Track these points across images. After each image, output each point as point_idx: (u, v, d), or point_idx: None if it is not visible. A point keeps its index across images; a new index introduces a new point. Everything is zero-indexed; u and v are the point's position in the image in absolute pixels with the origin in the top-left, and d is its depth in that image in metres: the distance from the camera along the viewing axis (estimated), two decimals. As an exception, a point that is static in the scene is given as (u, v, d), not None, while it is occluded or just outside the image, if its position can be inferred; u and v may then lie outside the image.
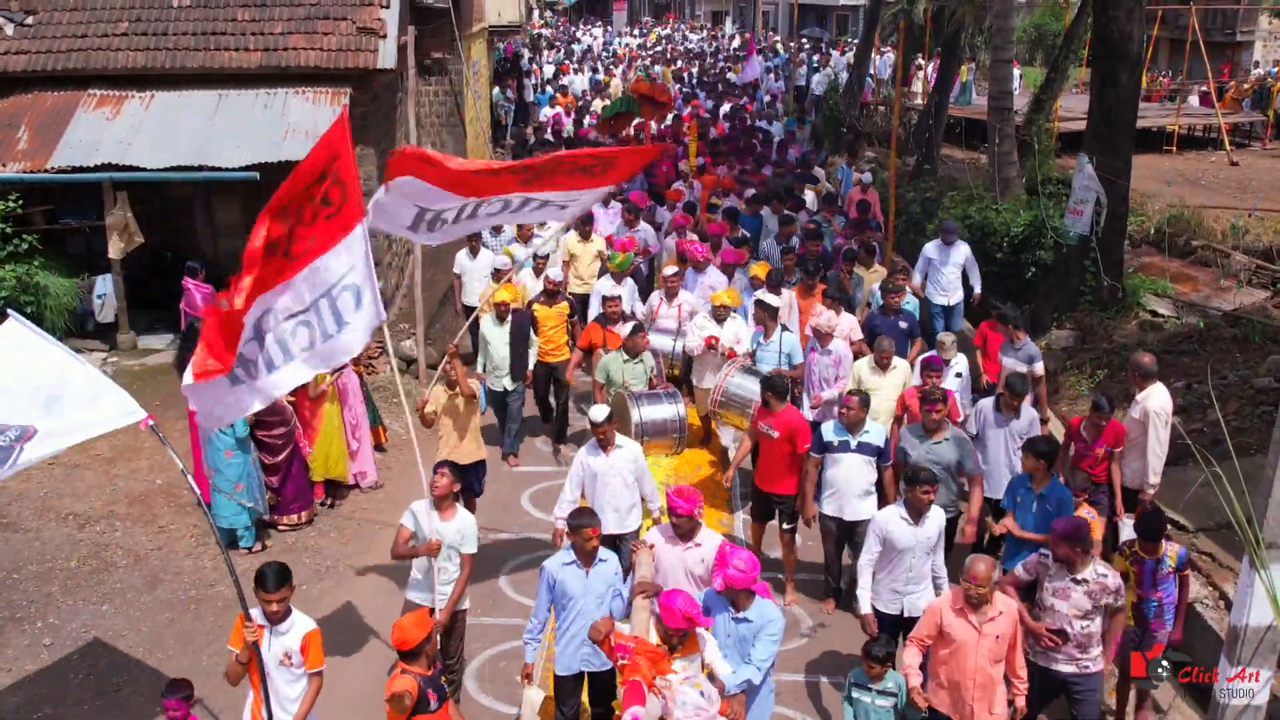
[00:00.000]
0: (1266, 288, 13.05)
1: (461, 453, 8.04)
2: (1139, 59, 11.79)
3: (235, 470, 8.04)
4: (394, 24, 12.83)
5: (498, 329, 9.62)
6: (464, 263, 11.92)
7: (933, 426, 7.19)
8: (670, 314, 10.08)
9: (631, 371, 8.92)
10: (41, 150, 11.00)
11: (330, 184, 5.65)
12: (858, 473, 7.44)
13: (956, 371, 8.79)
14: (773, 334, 9.29)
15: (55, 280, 11.06)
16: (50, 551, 8.25)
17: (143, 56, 12.06)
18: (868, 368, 8.62)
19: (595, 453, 7.16)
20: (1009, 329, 9.09)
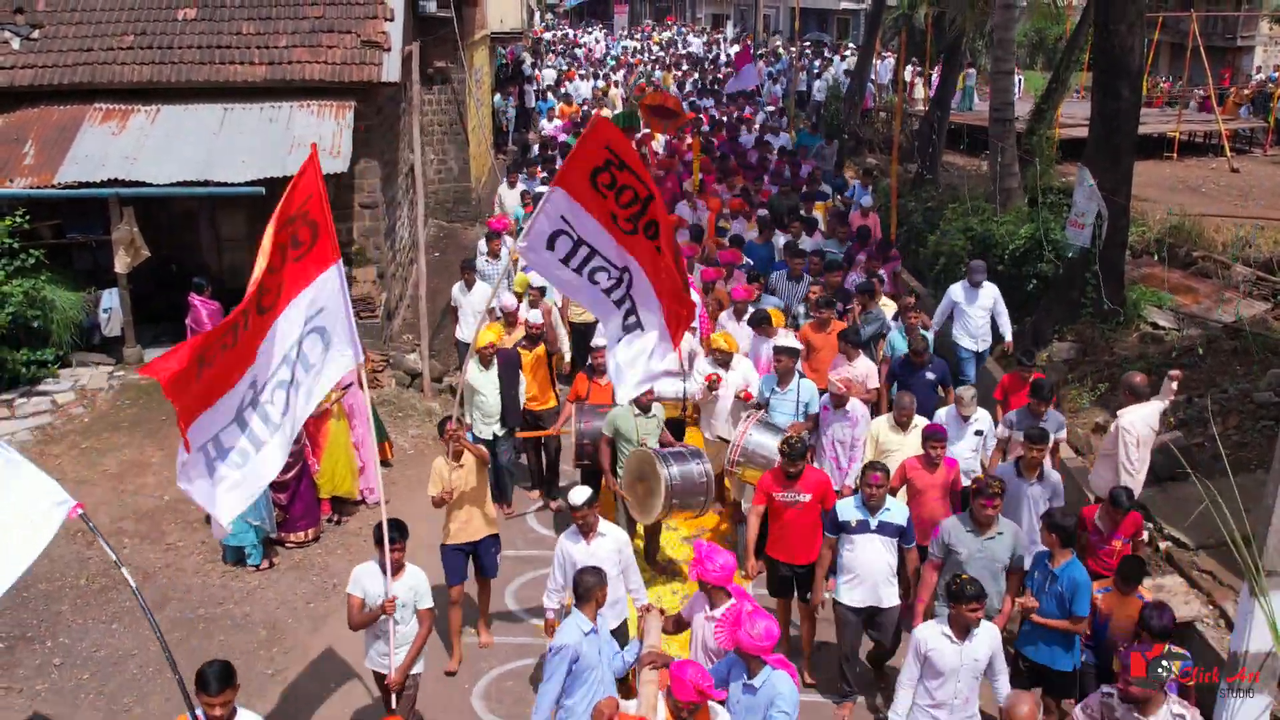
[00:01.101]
0: (1267, 299, 13.08)
1: (472, 529, 7.36)
2: (1140, 72, 11.82)
3: None
4: (398, 37, 12.90)
5: (484, 374, 9.00)
6: (458, 296, 11.41)
7: (986, 521, 6.43)
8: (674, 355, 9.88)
9: (645, 427, 8.21)
10: (48, 165, 11.06)
11: (301, 224, 5.43)
12: (880, 556, 6.72)
13: (977, 429, 8.24)
14: (790, 381, 8.64)
15: (62, 294, 11.12)
16: (59, 569, 8.31)
17: (148, 70, 12.12)
18: (887, 426, 8.03)
19: (575, 539, 6.52)
20: (1037, 403, 8.09)
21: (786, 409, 8.52)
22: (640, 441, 8.05)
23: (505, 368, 9.04)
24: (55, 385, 11.02)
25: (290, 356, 5.48)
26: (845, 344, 9.12)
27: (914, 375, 9.06)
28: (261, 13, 12.84)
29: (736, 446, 8.06)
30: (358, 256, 12.93)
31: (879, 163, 22.14)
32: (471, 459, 7.22)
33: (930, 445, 7.38)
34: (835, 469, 8.19)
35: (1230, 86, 27.88)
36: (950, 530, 6.58)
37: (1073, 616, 6.23)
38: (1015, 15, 14.88)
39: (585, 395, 9.01)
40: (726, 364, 8.91)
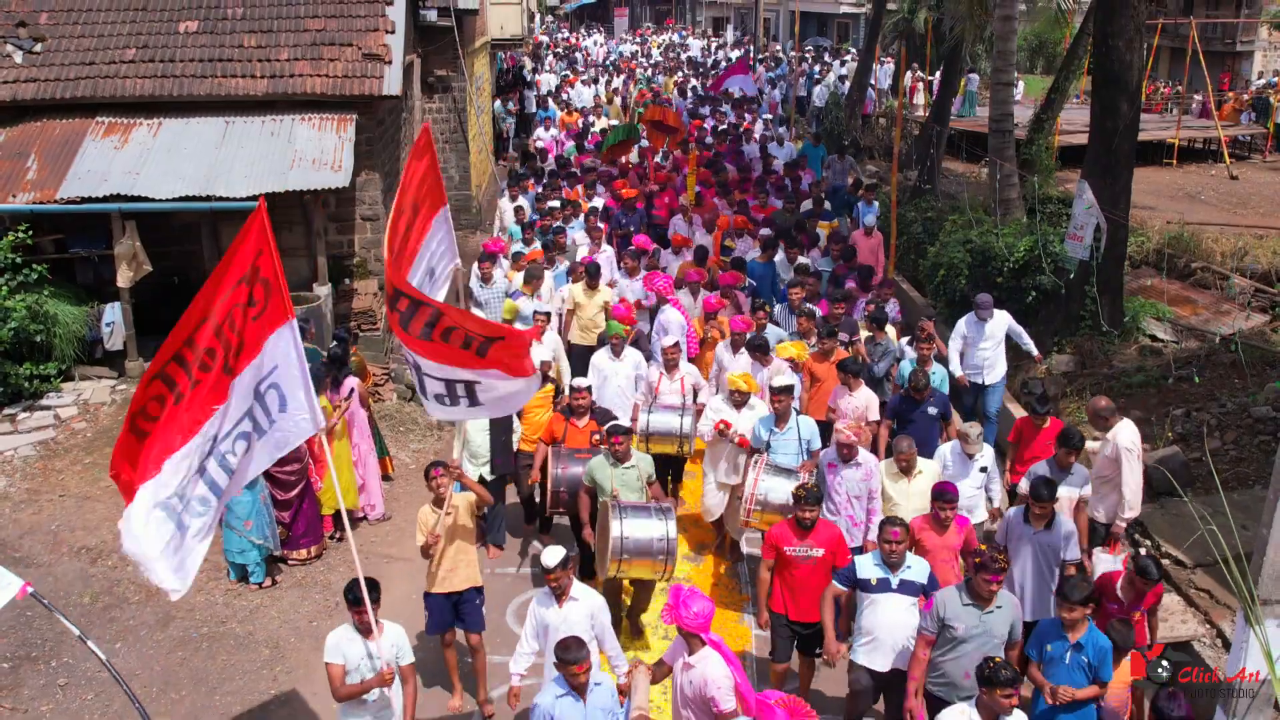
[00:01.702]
0: (1266, 311, 13.14)
1: (455, 579, 6.96)
2: (1139, 87, 11.88)
3: (245, 507, 8.13)
4: (399, 49, 12.93)
5: None
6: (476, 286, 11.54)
7: (988, 596, 5.95)
8: (673, 389, 9.22)
9: (622, 478, 7.58)
10: (50, 180, 11.09)
11: (255, 283, 5.34)
12: (902, 617, 6.30)
13: (981, 465, 7.92)
14: (788, 420, 8.26)
15: (64, 309, 11.15)
16: (64, 588, 8.36)
17: (150, 84, 12.15)
18: (888, 475, 7.62)
19: (548, 603, 6.21)
20: (1065, 453, 7.56)
21: (789, 449, 8.14)
22: (613, 493, 7.47)
23: None
24: (58, 399, 11.06)
25: (254, 410, 5.47)
26: (844, 374, 8.87)
27: (914, 410, 8.75)
28: (263, 25, 12.88)
29: (750, 496, 7.64)
30: (359, 269, 12.98)
31: (879, 169, 22.21)
32: (462, 504, 6.92)
33: (939, 506, 6.87)
34: (852, 526, 7.59)
35: (1229, 91, 27.96)
36: (946, 603, 6.02)
37: (1099, 682, 5.88)
38: (1014, 26, 14.90)
39: (561, 438, 8.37)
40: (742, 405, 8.49)
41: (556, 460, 8.11)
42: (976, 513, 7.92)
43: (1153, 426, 10.90)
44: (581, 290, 11.25)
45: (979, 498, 8.01)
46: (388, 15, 13.12)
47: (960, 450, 7.94)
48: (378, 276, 13.07)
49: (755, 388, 8.62)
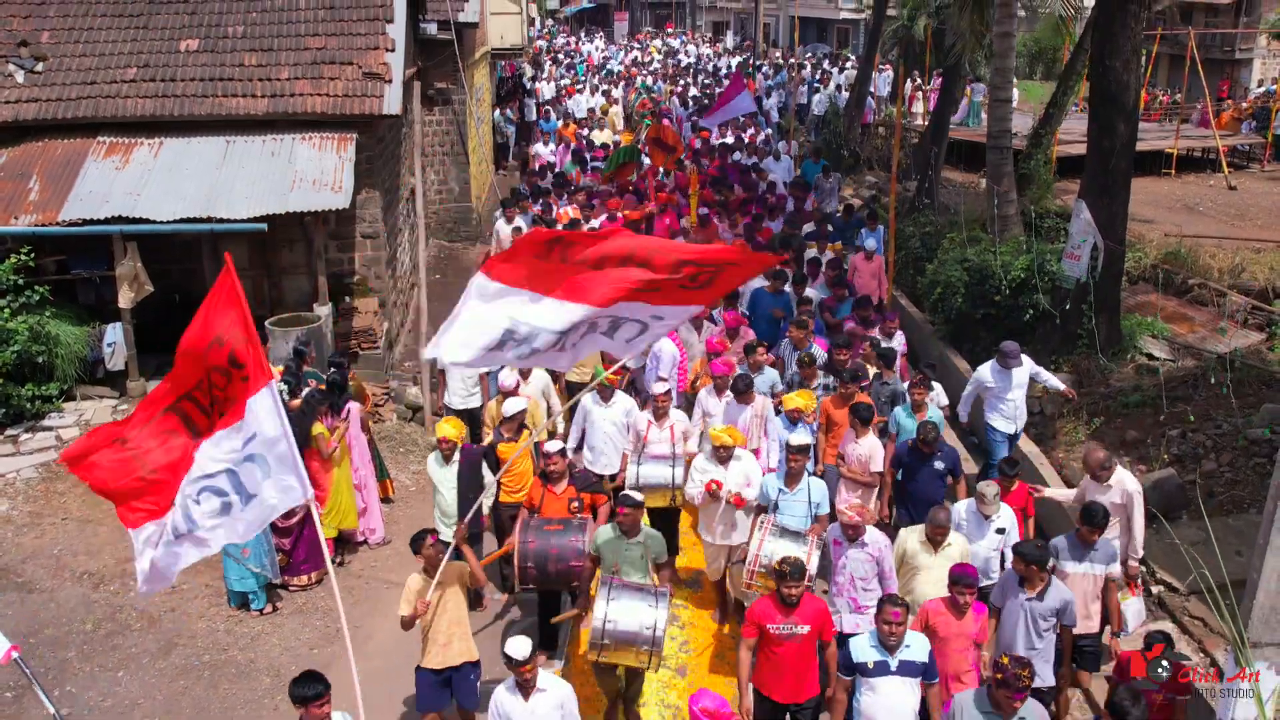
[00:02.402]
0: (1262, 329, 13.18)
1: (450, 653, 6.67)
2: (1136, 108, 11.92)
3: None
4: (399, 67, 12.99)
5: (442, 470, 8.16)
6: None
7: (1010, 711, 5.59)
8: (662, 438, 8.68)
9: (626, 554, 6.94)
10: (52, 202, 11.15)
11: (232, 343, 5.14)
12: (904, 700, 6.09)
13: (998, 527, 7.56)
14: (800, 481, 7.78)
15: (66, 329, 11.21)
16: (66, 614, 8.41)
17: (151, 104, 12.21)
18: (918, 542, 7.16)
19: (513, 694, 5.87)
20: (1089, 530, 7.06)
21: (797, 510, 7.69)
22: (613, 568, 6.90)
23: (466, 466, 8.13)
24: (60, 420, 11.11)
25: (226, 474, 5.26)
26: (855, 419, 8.54)
27: (921, 465, 8.34)
28: (263, 44, 12.94)
29: (754, 559, 7.21)
30: (359, 287, 13.03)
31: (878, 180, 22.25)
32: (454, 574, 6.59)
33: (958, 590, 6.43)
34: (853, 610, 7.19)
35: (1228, 99, 27.99)
36: (964, 710, 5.72)
37: None
38: (1011, 44, 14.93)
39: (538, 505, 7.74)
40: (728, 460, 7.93)
41: (525, 531, 7.40)
42: (991, 575, 7.55)
43: (1148, 448, 10.96)
44: None
45: (994, 560, 7.64)
46: (388, 33, 13.18)
47: (975, 510, 7.61)
48: (378, 294, 13.13)
49: (740, 440, 8.12)
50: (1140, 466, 10.74)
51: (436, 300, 15.63)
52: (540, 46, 34.86)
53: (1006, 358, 9.91)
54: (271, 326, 11.38)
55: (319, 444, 8.74)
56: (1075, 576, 7.02)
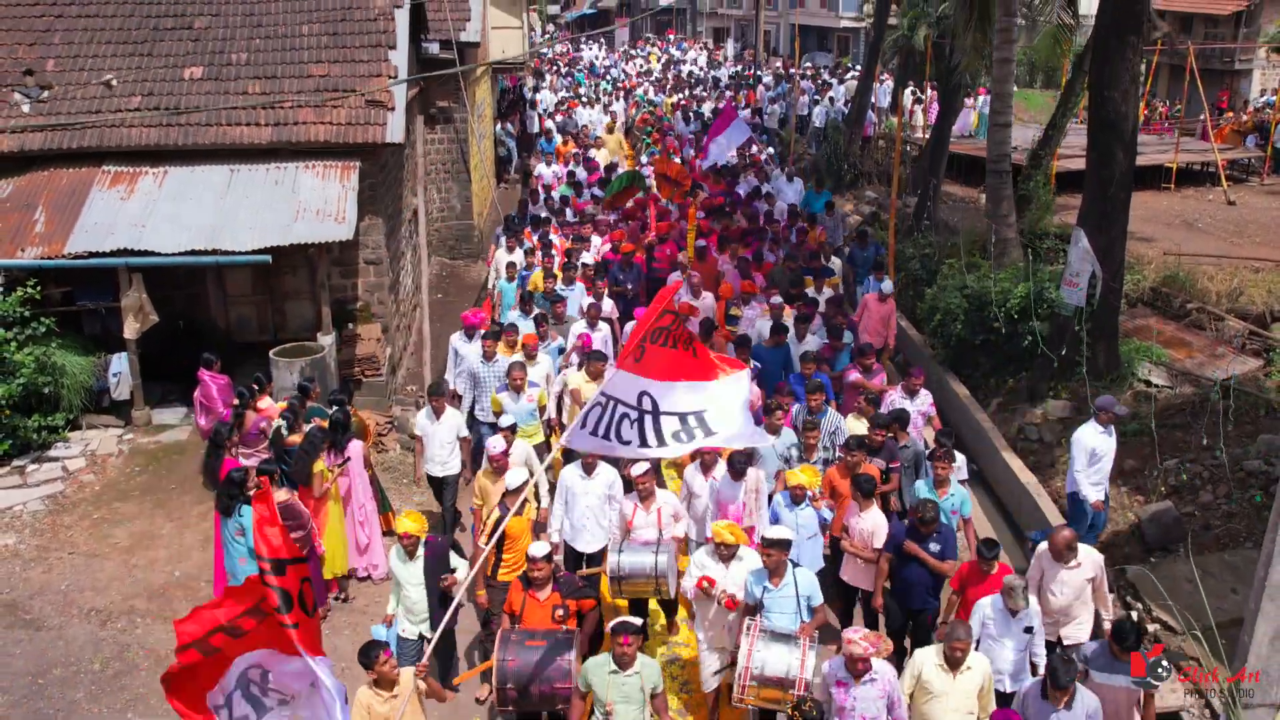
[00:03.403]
0: (1259, 355, 13.25)
1: None
2: (1134, 137, 11.98)
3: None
4: (401, 94, 13.06)
5: (407, 566, 7.60)
6: (424, 423, 9.74)
7: None
8: (648, 522, 8.12)
9: (622, 688, 6.40)
10: (58, 234, 11.23)
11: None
12: None
13: (1026, 625, 6.99)
14: (784, 575, 7.17)
15: (72, 359, 11.30)
16: (74, 652, 8.50)
17: (156, 133, 12.29)
18: (934, 665, 6.55)
19: None
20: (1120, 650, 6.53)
21: (785, 607, 7.15)
22: (606, 708, 6.38)
23: (432, 560, 7.58)
24: (66, 450, 11.20)
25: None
26: (857, 492, 8.16)
27: (917, 546, 7.85)
28: (267, 71, 13.02)
29: (745, 671, 6.72)
30: (362, 314, 13.10)
31: (878, 195, 22.32)
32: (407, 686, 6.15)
33: None
34: None
35: (1228, 110, 28.06)
36: None
37: None
38: (1011, 70, 15.00)
39: (519, 612, 7.17)
40: (730, 559, 7.39)
41: (505, 648, 6.74)
42: (1020, 679, 7.04)
43: (1145, 478, 11.03)
44: (584, 378, 10.22)
45: (1023, 662, 7.10)
46: (390, 60, 13.25)
47: (1002, 607, 7.02)
48: (381, 320, 13.21)
49: (744, 539, 7.53)
50: (1138, 497, 10.83)
51: (438, 320, 15.75)
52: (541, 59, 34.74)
53: (1108, 410, 9.32)
54: (275, 357, 11.46)
55: (315, 483, 8.84)
56: (1106, 687, 6.55)
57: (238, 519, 8.20)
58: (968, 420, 12.92)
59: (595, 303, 12.02)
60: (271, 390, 10.41)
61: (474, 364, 10.77)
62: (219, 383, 10.12)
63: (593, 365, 10.16)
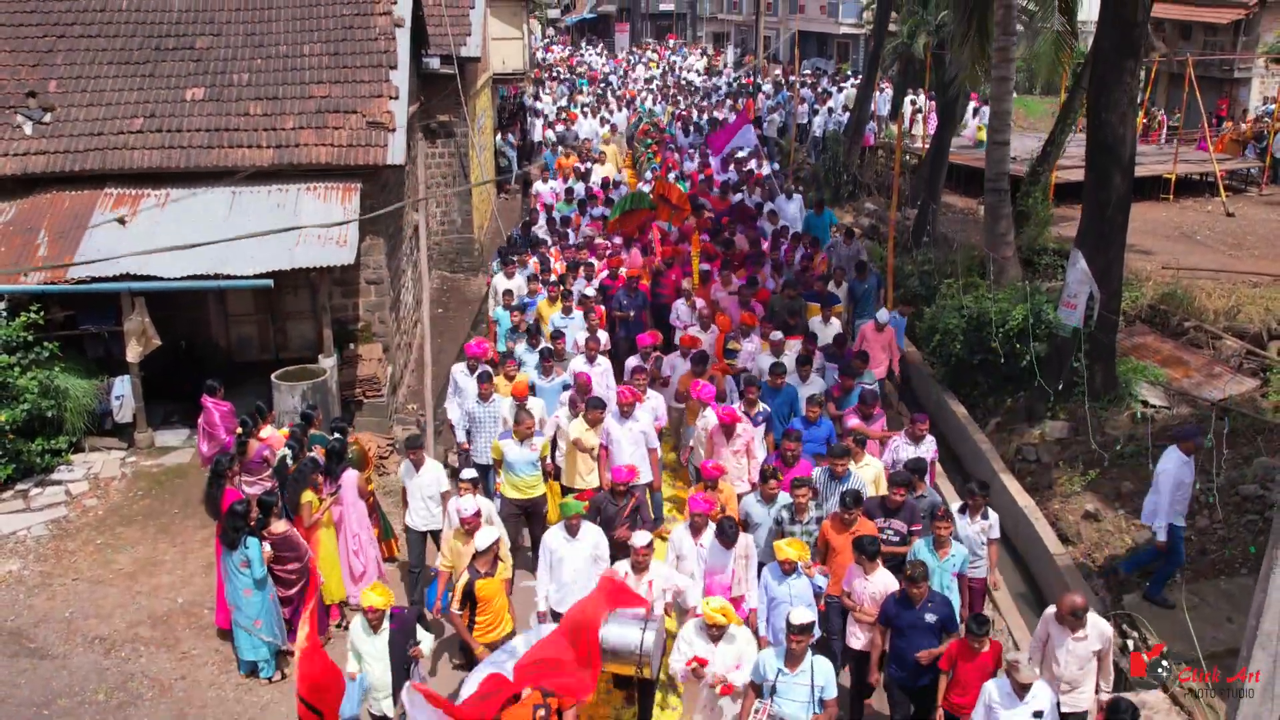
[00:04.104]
0: (1256, 374, 13.30)
1: None
2: (1132, 160, 12.04)
3: (254, 608, 8.35)
4: (402, 115, 13.10)
5: (370, 640, 7.29)
6: (404, 476, 9.52)
7: None
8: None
9: None
10: (61, 258, 11.27)
11: None
12: None
13: (1036, 709, 6.55)
14: (802, 661, 6.73)
15: (75, 383, 11.36)
16: (78, 682, 8.56)
17: (158, 155, 12.34)
18: None
19: None
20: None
21: (799, 695, 6.69)
22: None
23: (399, 634, 7.29)
24: (69, 473, 11.27)
25: None
26: (860, 555, 7.74)
27: (907, 615, 7.35)
28: (269, 91, 13.06)
29: None
30: (364, 334, 13.17)
31: (877, 208, 22.37)
32: None
33: None
34: None
35: (1227, 118, 28.09)
36: None
37: None
38: (1009, 88, 15.06)
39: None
40: (719, 639, 7.01)
41: None
42: None
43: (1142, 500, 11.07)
44: (585, 428, 9.84)
45: None
46: (391, 80, 13.30)
47: (1010, 690, 6.56)
48: (382, 340, 13.27)
49: (735, 619, 7.17)
50: (1134, 521, 10.88)
51: (439, 336, 15.81)
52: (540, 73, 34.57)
53: (1188, 442, 9.12)
54: (277, 380, 11.52)
55: (304, 513, 8.91)
56: None
57: (243, 551, 8.24)
58: (966, 441, 12.99)
59: (593, 337, 11.69)
60: (273, 419, 10.47)
61: (470, 402, 10.57)
62: (222, 409, 10.17)
63: (591, 413, 9.76)
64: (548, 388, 11.11)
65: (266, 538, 8.43)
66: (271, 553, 8.42)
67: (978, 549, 8.77)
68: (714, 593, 7.79)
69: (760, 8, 37.78)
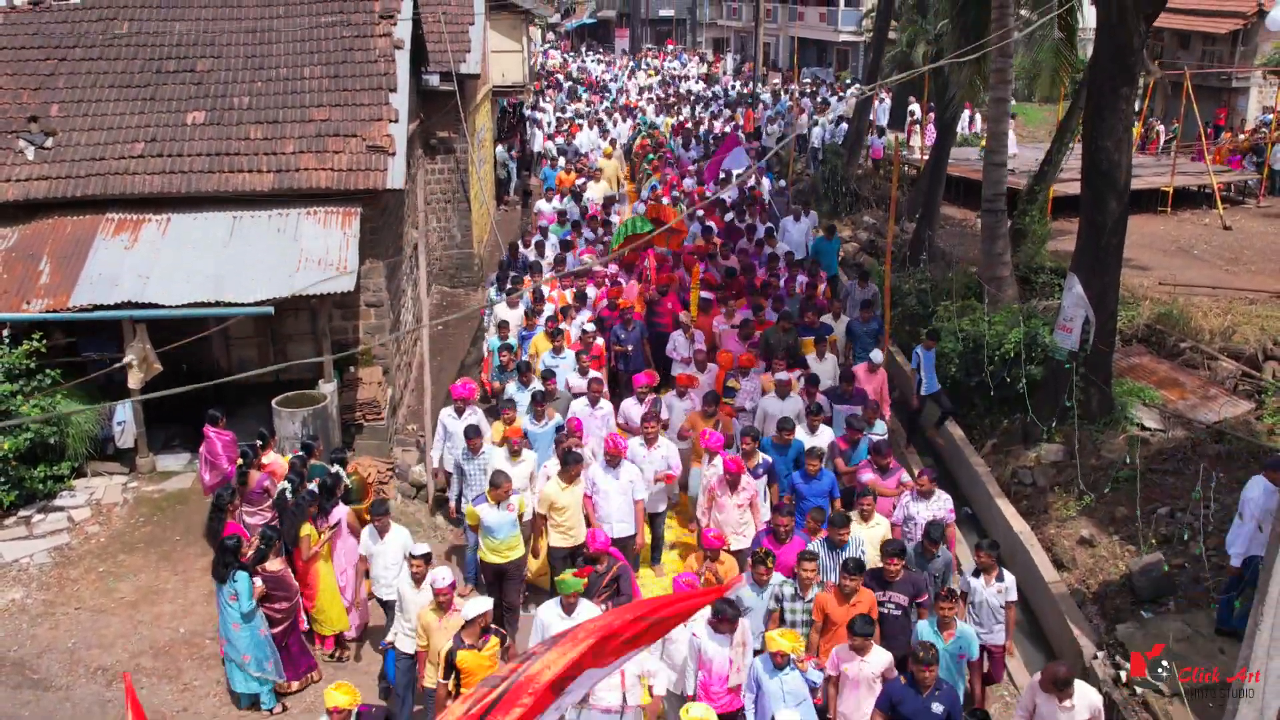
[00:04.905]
0: (1252, 397, 13.37)
1: None
2: (1127, 186, 12.12)
3: (243, 642, 8.37)
4: (402, 139, 13.17)
5: None
6: (368, 543, 9.05)
7: None
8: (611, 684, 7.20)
9: None
10: (63, 286, 11.35)
11: None
12: None
13: None
14: None
15: (77, 408, 11.42)
16: (81, 714, 8.64)
17: (159, 180, 12.41)
18: None
19: None
20: None
21: None
22: None
23: None
24: (71, 499, 11.34)
25: None
26: (853, 636, 7.31)
27: (916, 701, 7.00)
28: (269, 115, 13.12)
29: None
30: (364, 356, 13.23)
31: (875, 221, 22.44)
32: None
33: None
34: None
35: (1225, 128, 28.16)
36: None
37: None
38: (1006, 109, 15.13)
39: None
40: None
41: None
42: None
43: (1136, 525, 11.14)
44: (560, 487, 9.40)
45: None
46: (391, 103, 13.36)
47: None
48: (382, 362, 13.34)
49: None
50: (1129, 547, 10.96)
51: (439, 354, 15.88)
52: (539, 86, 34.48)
53: (1278, 471, 8.78)
54: (278, 406, 11.59)
55: (303, 546, 8.98)
56: None
57: (232, 584, 8.29)
58: (962, 463, 13.07)
59: (595, 379, 11.23)
60: (275, 444, 10.55)
61: (458, 453, 10.18)
62: (224, 439, 10.24)
63: (566, 471, 9.36)
64: (540, 432, 10.67)
65: (260, 573, 8.45)
66: (263, 589, 8.44)
67: (996, 613, 8.36)
68: (710, 684, 7.42)
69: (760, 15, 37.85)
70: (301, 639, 9.02)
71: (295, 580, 8.75)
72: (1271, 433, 12.52)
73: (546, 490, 9.48)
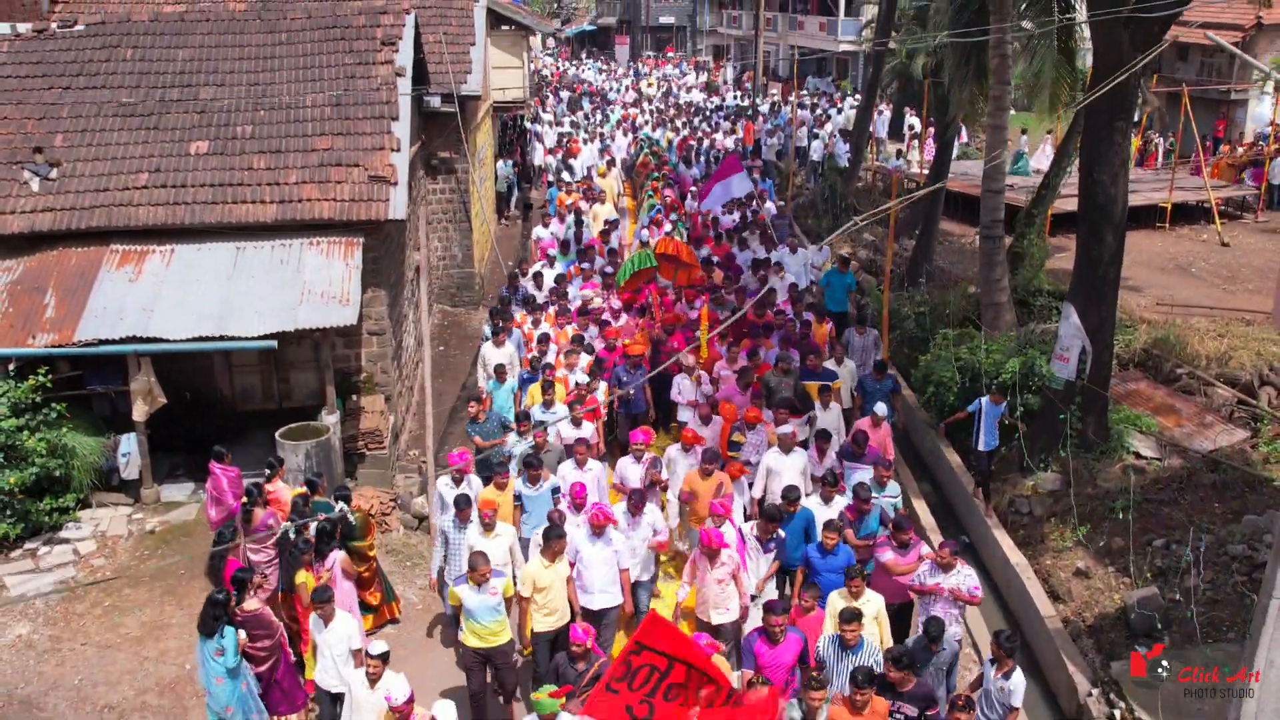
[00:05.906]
0: (1248, 425, 13.47)
1: None
2: (1124, 218, 12.22)
3: (226, 695, 8.24)
4: (404, 169, 13.26)
5: None
6: (314, 631, 8.57)
7: None
8: None
9: None
10: (68, 320, 11.44)
11: None
12: None
13: None
14: None
15: (82, 440, 11.52)
16: (86, 752, 8.75)
17: (163, 212, 12.49)
18: None
19: None
20: None
21: None
22: None
23: None
24: (76, 531, 11.43)
25: None
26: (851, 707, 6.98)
27: None
28: (272, 145, 13.22)
29: None
30: (366, 385, 13.33)
31: (875, 239, 22.52)
32: None
33: None
34: None
35: (1224, 140, 28.26)
36: None
37: None
38: (1004, 136, 15.21)
39: None
40: None
41: None
42: None
43: (1132, 557, 11.24)
44: (539, 566, 8.78)
45: None
46: (393, 132, 13.46)
47: None
48: (384, 391, 13.44)
49: None
50: (1124, 580, 11.06)
51: (440, 376, 15.97)
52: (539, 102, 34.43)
53: None
54: (281, 439, 11.69)
55: (300, 593, 9.02)
56: None
57: (219, 640, 8.16)
58: (960, 492, 13.16)
59: (582, 440, 10.60)
60: (283, 474, 10.64)
61: (446, 523, 9.54)
62: (230, 475, 10.31)
63: (551, 546, 8.74)
64: (535, 496, 10.07)
65: (237, 615, 8.35)
66: (245, 637, 8.35)
67: (997, 705, 7.82)
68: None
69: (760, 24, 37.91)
70: (293, 671, 8.91)
71: (275, 619, 8.71)
72: (1267, 461, 12.62)
73: (528, 569, 8.88)
